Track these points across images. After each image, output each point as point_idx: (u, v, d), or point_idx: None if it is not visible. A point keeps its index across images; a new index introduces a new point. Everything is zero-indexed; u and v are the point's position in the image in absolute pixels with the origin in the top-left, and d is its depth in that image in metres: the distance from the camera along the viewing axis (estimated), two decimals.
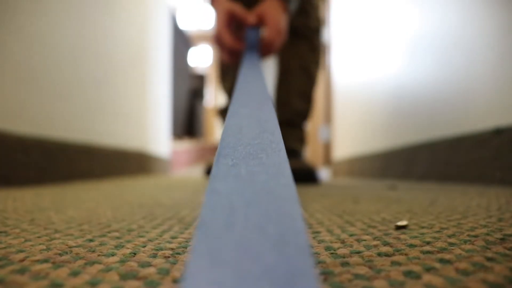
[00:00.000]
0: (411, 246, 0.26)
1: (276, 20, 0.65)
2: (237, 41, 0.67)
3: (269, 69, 1.39)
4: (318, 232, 0.33)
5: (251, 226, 0.14)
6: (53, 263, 0.23)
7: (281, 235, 0.14)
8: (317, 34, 1.01)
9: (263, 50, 0.67)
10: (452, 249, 0.25)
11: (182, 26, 3.02)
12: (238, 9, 0.67)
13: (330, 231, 0.33)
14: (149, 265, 0.23)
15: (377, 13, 1.40)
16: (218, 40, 0.69)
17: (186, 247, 0.28)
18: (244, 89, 0.40)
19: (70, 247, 0.27)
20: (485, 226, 0.31)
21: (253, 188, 0.18)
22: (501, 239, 0.27)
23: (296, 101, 1.08)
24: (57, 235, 0.31)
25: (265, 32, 0.67)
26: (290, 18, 0.81)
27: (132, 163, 1.52)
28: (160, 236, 0.32)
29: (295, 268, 0.12)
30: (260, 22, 0.67)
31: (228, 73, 1.04)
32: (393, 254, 0.24)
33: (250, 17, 0.67)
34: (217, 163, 0.21)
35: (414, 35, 1.09)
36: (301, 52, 1.01)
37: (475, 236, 0.28)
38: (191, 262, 0.12)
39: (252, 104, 0.34)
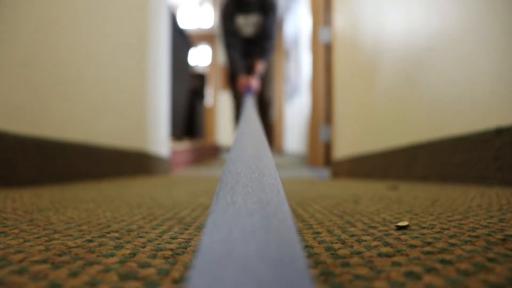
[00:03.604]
0: (412, 246, 0.26)
1: (255, 84, 2.02)
2: (244, 91, 1.96)
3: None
4: (318, 233, 0.33)
5: (250, 251, 0.15)
6: (52, 263, 0.23)
7: (279, 259, 0.14)
8: (270, 129, 2.21)
9: (253, 93, 1.92)
10: (453, 250, 0.25)
11: (182, 26, 3.02)
12: (248, 80, 2.01)
13: (330, 232, 0.33)
14: (148, 265, 0.23)
15: (377, 13, 1.41)
16: (240, 91, 2.07)
17: (186, 248, 0.28)
18: (244, 138, 0.44)
19: (69, 248, 0.27)
20: (486, 227, 0.31)
21: (251, 221, 0.18)
22: (503, 239, 0.27)
23: None
24: (56, 236, 0.31)
25: (252, 88, 1.97)
26: (261, 82, 2.16)
27: (131, 163, 1.52)
28: (160, 236, 0.32)
29: (294, 284, 0.12)
30: (251, 85, 1.99)
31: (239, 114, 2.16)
32: (393, 255, 0.24)
33: (248, 84, 2.02)
34: (217, 200, 0.22)
35: (414, 34, 1.09)
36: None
37: (476, 237, 0.28)
38: (192, 281, 0.13)
39: (251, 151, 0.36)
